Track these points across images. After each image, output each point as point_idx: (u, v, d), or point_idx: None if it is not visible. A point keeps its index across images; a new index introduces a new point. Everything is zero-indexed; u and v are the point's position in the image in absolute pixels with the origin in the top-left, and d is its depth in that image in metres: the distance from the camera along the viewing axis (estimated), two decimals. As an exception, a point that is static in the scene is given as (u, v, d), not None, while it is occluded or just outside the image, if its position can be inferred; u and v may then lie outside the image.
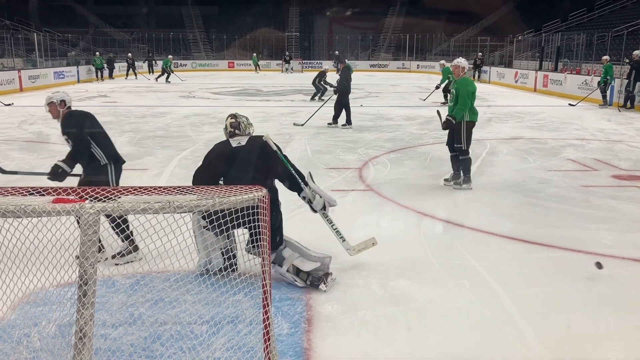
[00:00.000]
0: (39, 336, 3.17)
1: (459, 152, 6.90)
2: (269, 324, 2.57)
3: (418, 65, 39.41)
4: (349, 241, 4.54)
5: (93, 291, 2.30)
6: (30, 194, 2.44)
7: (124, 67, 31.91)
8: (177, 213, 2.37)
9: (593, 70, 20.88)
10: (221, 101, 18.29)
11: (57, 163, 4.51)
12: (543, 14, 34.29)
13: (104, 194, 2.44)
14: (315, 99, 17.42)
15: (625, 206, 6.30)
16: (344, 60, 13.91)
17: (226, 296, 3.67)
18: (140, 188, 2.56)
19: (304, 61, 40.36)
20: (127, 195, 2.46)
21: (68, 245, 2.56)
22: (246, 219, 2.74)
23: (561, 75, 21.50)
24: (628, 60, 16.18)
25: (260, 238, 2.59)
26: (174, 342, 3.16)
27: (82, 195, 2.44)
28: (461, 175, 6.98)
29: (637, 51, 15.55)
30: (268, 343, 2.59)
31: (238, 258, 4.03)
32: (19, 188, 2.48)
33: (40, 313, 3.46)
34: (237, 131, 4.28)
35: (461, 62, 6.99)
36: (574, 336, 3.50)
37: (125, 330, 3.30)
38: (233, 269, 3.88)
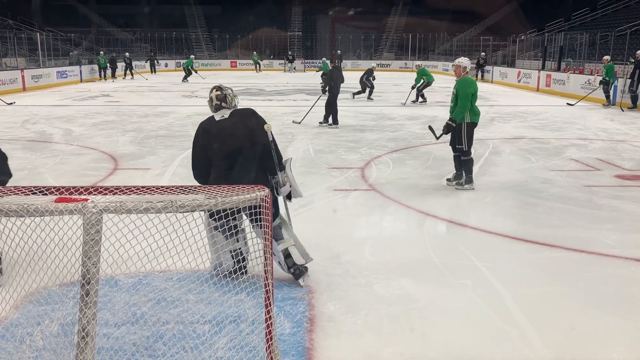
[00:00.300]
0: (41, 335, 3.18)
1: (460, 152, 6.89)
2: (271, 323, 2.57)
3: (421, 65, 39.32)
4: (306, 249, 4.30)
5: (95, 290, 2.30)
6: (32, 193, 2.44)
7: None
8: (180, 212, 2.37)
9: (596, 70, 20.82)
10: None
11: None
12: (546, 14, 34.22)
13: (107, 194, 2.44)
14: (354, 97, 18.00)
15: (628, 206, 6.28)
16: (335, 60, 13.98)
17: (228, 296, 3.67)
18: (142, 187, 2.56)
19: (306, 61, 40.38)
20: (130, 194, 2.46)
21: (71, 244, 2.56)
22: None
23: (564, 75, 21.46)
24: (633, 60, 16.13)
25: (264, 238, 2.58)
26: (176, 341, 3.16)
27: (85, 195, 2.44)
28: (463, 176, 6.97)
29: (640, 50, 15.52)
30: (270, 343, 2.59)
31: (249, 261, 3.97)
32: (22, 187, 2.48)
33: (43, 312, 3.46)
34: (224, 104, 4.16)
35: (462, 61, 6.90)
36: (577, 336, 3.50)
37: (127, 330, 3.30)
38: (242, 272, 3.83)
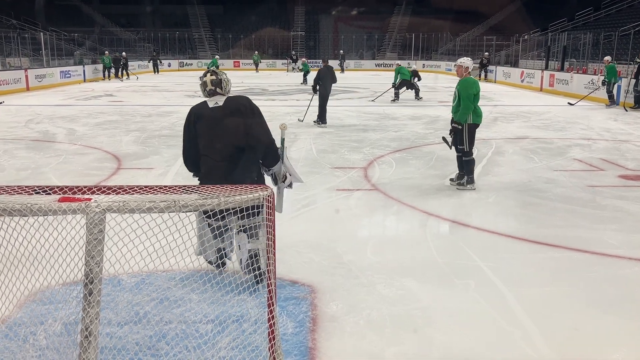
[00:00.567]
0: (45, 334, 3.19)
1: (461, 153, 6.87)
2: (273, 323, 2.58)
3: (424, 64, 39.27)
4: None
5: (98, 290, 2.30)
6: (36, 193, 2.45)
7: (129, 66, 31.99)
8: (182, 212, 2.38)
9: (599, 70, 20.78)
10: (226, 100, 18.29)
11: None
12: (549, 13, 34.17)
13: (110, 193, 2.45)
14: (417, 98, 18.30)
15: (632, 206, 6.27)
16: (327, 60, 14.04)
17: (231, 295, 3.67)
18: (145, 187, 2.56)
19: (309, 60, 40.34)
20: (133, 194, 2.47)
21: (74, 244, 2.57)
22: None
23: (567, 74, 21.42)
24: (638, 60, 16.09)
25: (267, 237, 2.58)
26: (179, 340, 3.17)
27: (88, 194, 2.44)
28: (465, 176, 6.96)
29: (644, 50, 15.49)
30: (273, 342, 2.60)
31: (231, 261, 3.97)
32: (25, 187, 2.49)
33: (47, 311, 3.47)
34: (219, 89, 3.93)
35: (464, 61, 6.83)
36: (580, 337, 3.49)
37: (130, 329, 3.30)
38: (222, 269, 3.88)
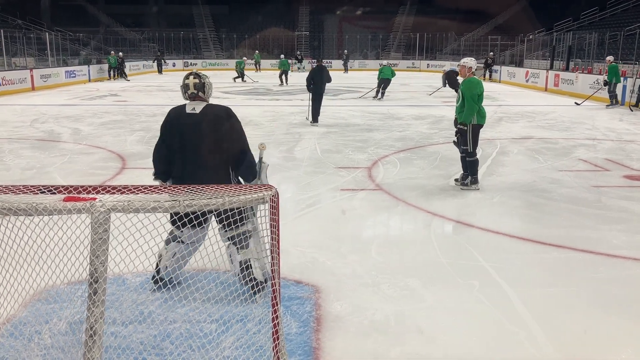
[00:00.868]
0: (49, 333, 3.19)
1: (465, 153, 6.86)
2: (278, 323, 2.58)
3: (428, 64, 39.28)
4: None
5: (103, 289, 2.31)
6: (41, 192, 2.46)
7: (134, 66, 32.09)
8: (187, 211, 2.38)
9: (605, 70, 20.71)
10: (231, 100, 18.32)
11: None
12: (554, 13, 34.09)
13: (114, 193, 2.45)
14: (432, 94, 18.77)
15: (637, 207, 6.24)
16: (321, 60, 14.11)
17: (235, 295, 3.68)
18: (150, 187, 2.57)
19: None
20: (138, 194, 2.47)
21: (79, 243, 2.57)
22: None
23: (572, 74, 21.35)
24: None
25: (271, 237, 2.58)
26: (183, 340, 3.17)
27: (93, 194, 2.45)
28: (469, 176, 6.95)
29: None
30: (277, 342, 2.60)
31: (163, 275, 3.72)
32: (31, 186, 2.49)
33: (51, 310, 3.48)
34: (201, 93, 3.77)
35: (467, 62, 6.80)
36: (585, 337, 3.48)
37: (135, 328, 3.31)
38: (157, 282, 3.67)
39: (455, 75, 17.50)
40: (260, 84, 25.22)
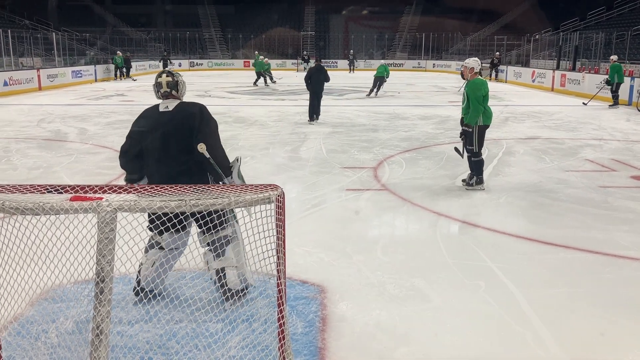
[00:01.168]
0: (56, 332, 3.21)
1: (470, 153, 6.84)
2: (283, 322, 2.58)
3: (434, 64, 39.22)
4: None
5: (110, 288, 2.32)
6: (48, 192, 2.47)
7: (141, 66, 32.18)
8: (193, 211, 2.38)
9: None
10: (237, 100, 18.36)
11: None
12: (561, 13, 33.95)
13: (121, 192, 2.46)
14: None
15: (644, 207, 6.21)
16: (318, 59, 14.20)
17: (241, 295, 3.68)
18: (157, 186, 2.58)
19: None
20: (144, 193, 2.48)
21: (85, 242, 2.58)
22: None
23: (579, 74, 21.25)
24: None
25: (277, 237, 2.58)
26: (189, 339, 3.18)
27: (100, 194, 2.46)
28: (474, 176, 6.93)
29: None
30: (283, 342, 2.60)
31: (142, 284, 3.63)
32: (38, 186, 2.51)
33: (58, 309, 3.50)
34: (174, 92, 3.67)
35: (469, 63, 6.74)
36: (591, 339, 3.46)
37: (141, 328, 3.32)
38: (137, 293, 3.61)
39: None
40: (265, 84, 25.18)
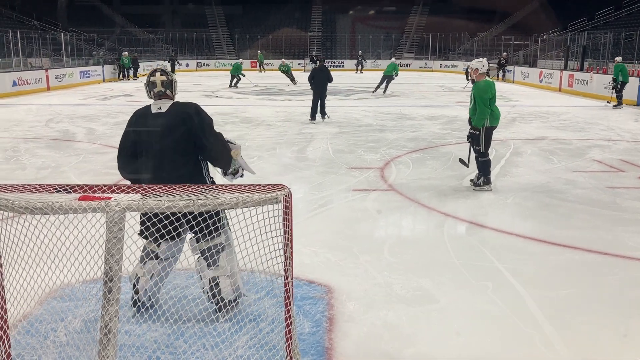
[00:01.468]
0: (65, 331, 3.23)
1: (477, 154, 6.82)
2: (290, 322, 2.58)
3: (441, 64, 39.15)
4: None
5: (118, 288, 2.33)
6: (57, 191, 2.48)
7: (148, 66, 32.25)
8: (201, 211, 2.39)
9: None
10: (244, 100, 18.39)
11: None
12: (569, 13, 33.77)
13: (129, 192, 2.47)
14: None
15: (653, 208, 6.17)
16: (321, 58, 14.39)
17: (248, 294, 3.69)
18: (165, 186, 2.59)
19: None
20: (152, 193, 2.49)
21: (94, 242, 2.60)
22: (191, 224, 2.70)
23: (587, 75, 21.15)
24: None
25: (284, 237, 2.59)
26: (196, 339, 3.19)
27: (108, 193, 2.47)
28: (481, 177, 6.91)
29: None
30: (290, 342, 2.60)
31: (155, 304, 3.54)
32: (47, 185, 2.52)
33: (67, 308, 3.52)
34: (168, 91, 3.52)
35: (473, 64, 6.68)
36: (599, 340, 3.45)
37: (149, 327, 3.33)
38: (135, 303, 3.49)
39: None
40: (272, 84, 25.20)
